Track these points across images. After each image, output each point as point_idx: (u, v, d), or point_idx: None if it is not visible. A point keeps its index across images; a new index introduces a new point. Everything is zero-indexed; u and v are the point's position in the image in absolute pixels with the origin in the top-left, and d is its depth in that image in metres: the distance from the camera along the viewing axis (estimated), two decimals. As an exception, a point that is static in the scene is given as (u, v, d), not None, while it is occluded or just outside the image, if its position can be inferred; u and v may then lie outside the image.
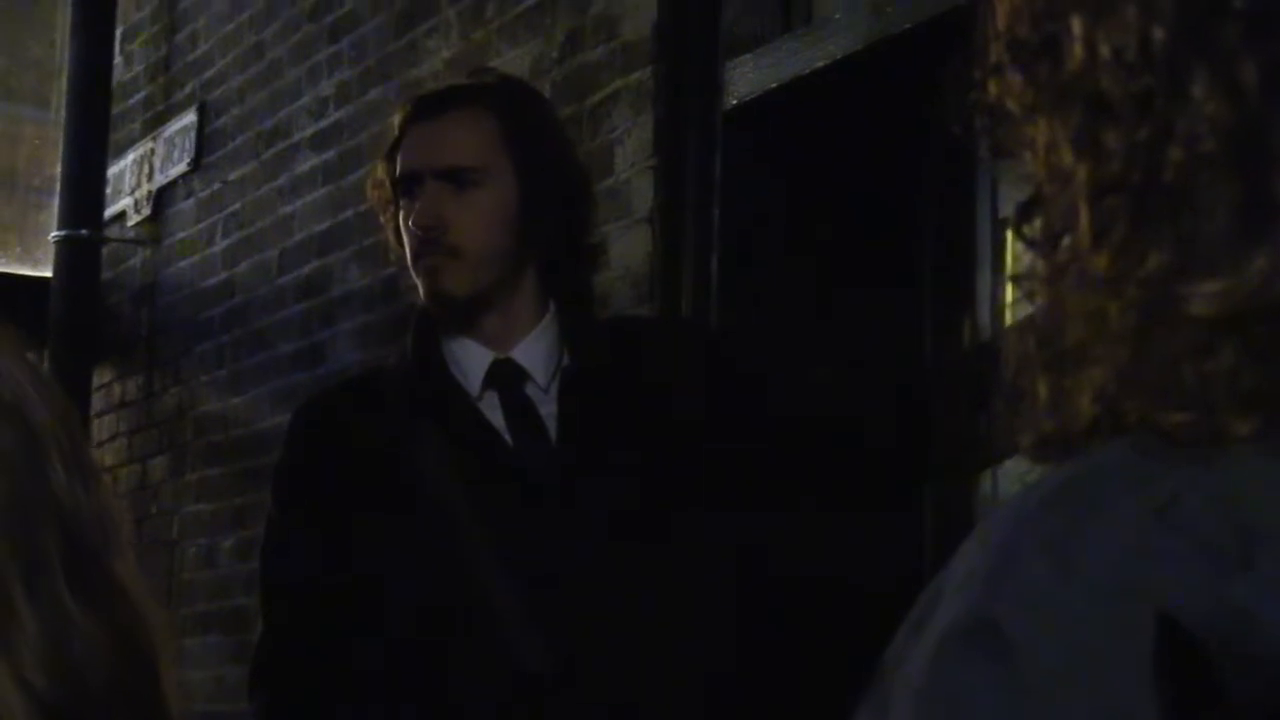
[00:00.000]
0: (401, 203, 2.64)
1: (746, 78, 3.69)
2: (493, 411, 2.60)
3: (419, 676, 2.51)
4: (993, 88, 0.77)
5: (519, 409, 2.60)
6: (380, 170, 2.70)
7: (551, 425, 2.58)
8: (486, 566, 2.50)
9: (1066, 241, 0.73)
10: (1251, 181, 0.68)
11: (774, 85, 3.62)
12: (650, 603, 2.52)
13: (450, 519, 2.52)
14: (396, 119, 2.73)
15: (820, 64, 3.52)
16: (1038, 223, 0.76)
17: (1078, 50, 0.72)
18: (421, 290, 2.64)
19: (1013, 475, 3.31)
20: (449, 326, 2.64)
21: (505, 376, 2.61)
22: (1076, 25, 0.72)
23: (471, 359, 2.62)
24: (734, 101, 3.70)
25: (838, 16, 3.54)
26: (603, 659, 2.49)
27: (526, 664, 2.47)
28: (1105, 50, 0.71)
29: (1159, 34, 0.70)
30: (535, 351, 2.62)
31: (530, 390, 2.61)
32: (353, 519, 2.56)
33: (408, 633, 2.53)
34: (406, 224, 2.63)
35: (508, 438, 2.58)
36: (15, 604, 1.03)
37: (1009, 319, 3.51)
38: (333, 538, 2.56)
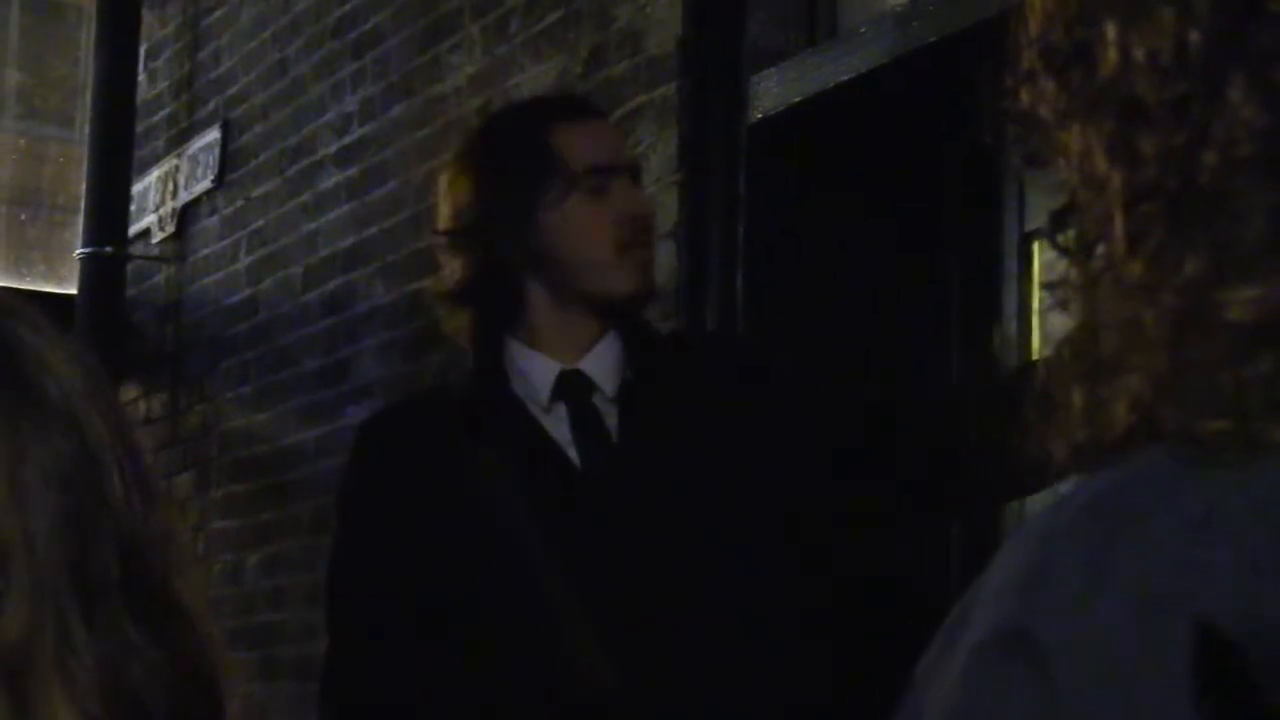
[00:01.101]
0: (577, 196, 2.60)
1: (771, 92, 3.69)
2: (559, 423, 2.58)
3: (482, 695, 2.51)
4: (1025, 96, 0.76)
5: (586, 421, 2.58)
6: (540, 163, 2.62)
7: (615, 437, 2.57)
8: (550, 584, 2.49)
9: (1101, 249, 0.72)
10: None
11: (799, 99, 3.62)
12: (714, 622, 2.50)
13: (514, 536, 2.51)
14: (533, 113, 2.70)
15: (845, 78, 3.52)
16: (1071, 231, 0.75)
17: (1112, 55, 0.72)
18: (623, 284, 2.60)
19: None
20: (516, 338, 2.62)
21: (574, 388, 2.60)
22: (1111, 30, 0.72)
23: (539, 370, 2.60)
24: (759, 115, 3.70)
25: (863, 30, 3.53)
26: (665, 680, 2.47)
27: (588, 685, 2.46)
28: (1140, 55, 0.71)
29: (1195, 37, 0.69)
30: (603, 362, 2.60)
31: (598, 401, 2.60)
32: (417, 536, 2.55)
33: (471, 650, 2.52)
34: (601, 216, 2.60)
35: (573, 451, 2.56)
36: (72, 629, 1.00)
37: (1036, 331, 3.50)
38: (397, 554, 2.56)
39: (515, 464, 2.55)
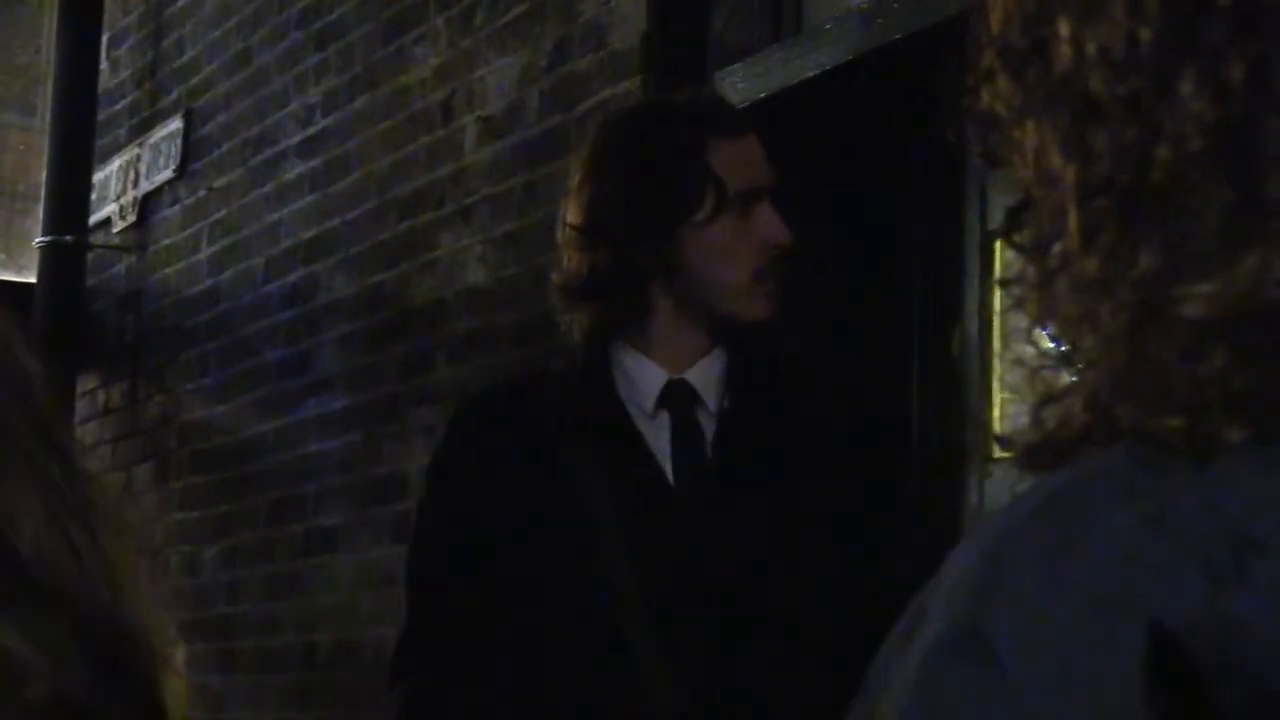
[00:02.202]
0: (723, 220, 2.57)
1: (736, 87, 3.69)
2: (659, 432, 2.57)
3: (542, 696, 2.52)
4: (985, 94, 0.76)
5: (687, 434, 2.57)
6: (698, 172, 2.58)
7: (710, 454, 2.56)
8: (622, 595, 2.49)
9: (1057, 246, 0.73)
10: (1240, 182, 0.68)
11: (763, 95, 3.62)
12: (778, 655, 2.49)
13: (595, 541, 2.50)
14: (679, 124, 2.63)
15: (810, 74, 3.52)
16: (1027, 228, 0.75)
17: (1066, 52, 0.72)
18: (753, 311, 2.58)
19: (1001, 485, 3.30)
20: (628, 341, 2.61)
21: (679, 398, 2.58)
22: (1064, 27, 0.72)
23: (647, 377, 2.59)
24: (722, 111, 3.70)
25: (828, 27, 3.53)
26: (721, 707, 2.47)
27: (646, 703, 2.46)
28: (1092, 51, 0.71)
29: (1145, 34, 0.70)
30: (708, 376, 2.59)
31: (700, 413, 2.59)
32: (500, 527, 2.54)
33: (536, 648, 2.52)
34: (746, 241, 2.57)
35: (668, 463, 2.55)
36: None
37: (997, 329, 3.50)
38: (479, 543, 2.55)
39: (608, 467, 2.54)
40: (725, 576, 2.49)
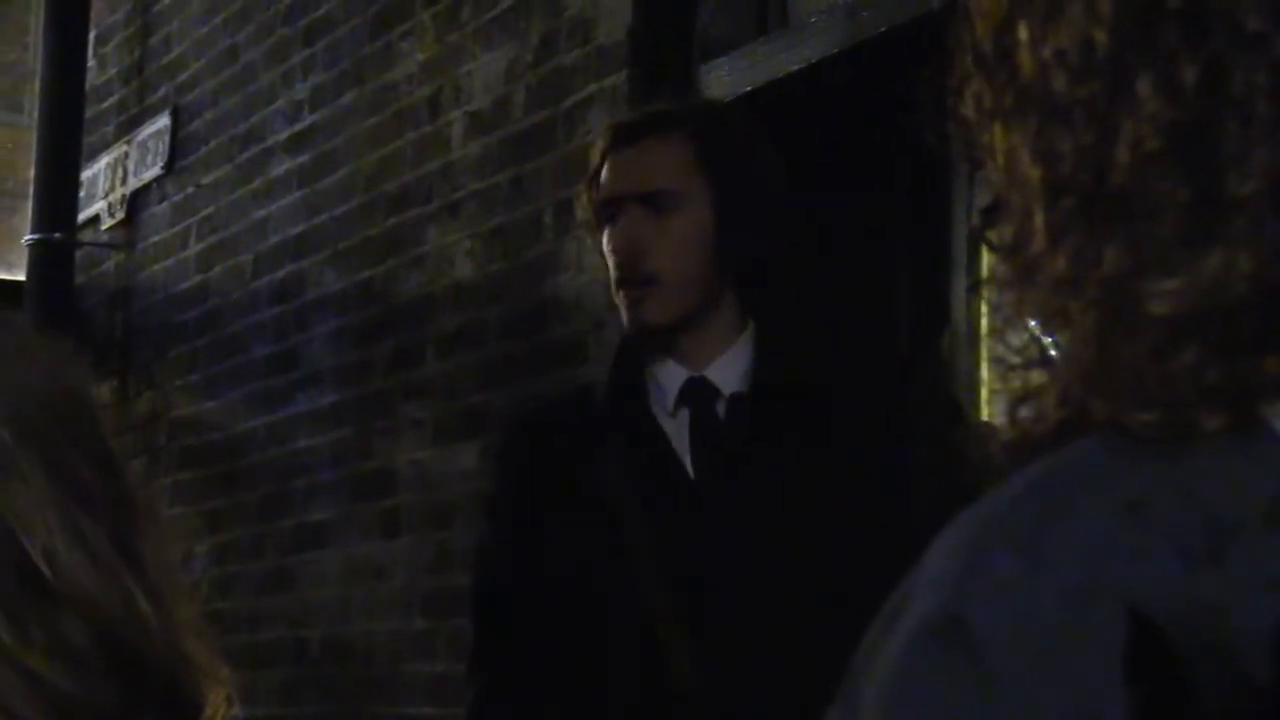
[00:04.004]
0: (606, 229, 2.66)
1: (721, 81, 3.69)
2: (682, 429, 2.63)
3: (576, 686, 2.61)
4: (964, 98, 0.78)
5: (704, 429, 2.62)
6: (584, 198, 2.71)
7: (728, 447, 2.62)
8: (646, 584, 2.55)
9: (1028, 246, 0.74)
10: (1199, 180, 0.69)
11: (749, 89, 3.63)
12: (798, 640, 2.51)
13: (621, 538, 2.58)
14: (597, 145, 2.74)
15: (795, 67, 3.53)
16: (1002, 228, 0.76)
17: (1028, 56, 0.73)
18: (623, 318, 2.66)
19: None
20: (651, 349, 2.67)
21: (698, 395, 2.64)
22: (1023, 32, 0.73)
23: (670, 378, 2.65)
24: (709, 105, 3.70)
25: (813, 20, 3.54)
26: (749, 682, 2.52)
27: (674, 684, 2.51)
28: (1050, 55, 0.72)
29: (1101, 37, 0.71)
30: (732, 369, 2.64)
31: (721, 407, 2.64)
32: (544, 532, 2.63)
33: (571, 642, 2.61)
34: (606, 250, 2.66)
35: (688, 457, 2.61)
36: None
37: (984, 323, 3.52)
38: (525, 549, 2.65)
39: (638, 470, 2.61)
40: (738, 569, 2.54)
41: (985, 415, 3.48)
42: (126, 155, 6.17)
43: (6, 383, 1.11)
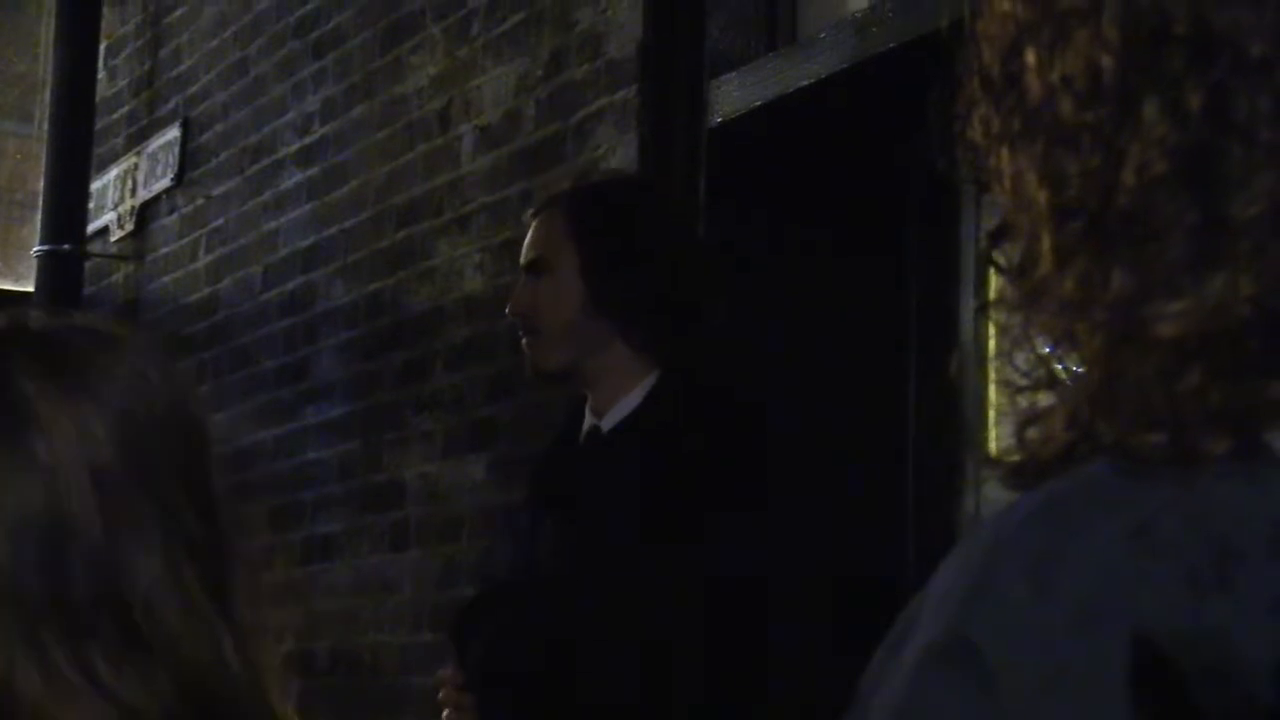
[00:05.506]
0: None
1: (731, 96, 3.70)
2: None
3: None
4: (971, 122, 0.78)
5: (576, 466, 3.00)
6: None
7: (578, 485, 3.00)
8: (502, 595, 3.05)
9: (1035, 269, 0.74)
10: (1205, 204, 0.69)
11: (758, 104, 3.63)
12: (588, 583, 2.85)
13: (524, 545, 3.02)
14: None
15: (805, 83, 3.53)
16: (1008, 250, 0.77)
17: (1035, 81, 0.74)
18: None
19: (996, 508, 3.31)
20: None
21: (595, 441, 2.97)
22: (1031, 57, 0.74)
23: (588, 419, 2.99)
24: (718, 120, 3.71)
25: (822, 36, 3.54)
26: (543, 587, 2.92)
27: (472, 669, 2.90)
28: (1058, 80, 0.73)
29: (1108, 62, 0.71)
30: (620, 415, 2.94)
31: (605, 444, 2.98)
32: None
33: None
34: None
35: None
36: (54, 662, 1.02)
37: (992, 345, 3.51)
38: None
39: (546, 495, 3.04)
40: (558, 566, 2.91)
41: (993, 437, 3.48)
42: (136, 167, 6.18)
43: (120, 405, 1.11)
